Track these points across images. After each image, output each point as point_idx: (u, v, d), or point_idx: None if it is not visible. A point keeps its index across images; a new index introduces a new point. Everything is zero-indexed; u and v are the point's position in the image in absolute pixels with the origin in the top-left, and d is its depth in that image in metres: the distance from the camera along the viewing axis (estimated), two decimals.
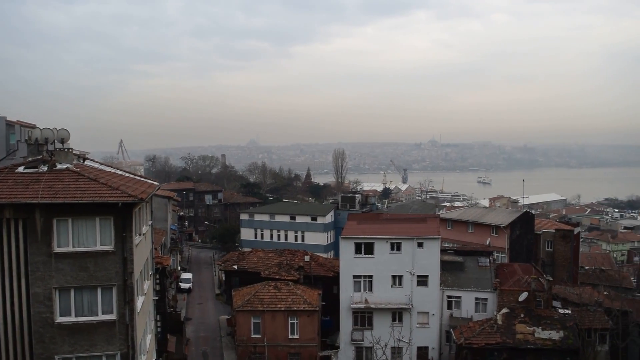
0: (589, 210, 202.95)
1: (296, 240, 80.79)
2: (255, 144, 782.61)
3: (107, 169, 28.49)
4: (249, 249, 67.31)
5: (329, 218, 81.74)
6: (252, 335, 46.77)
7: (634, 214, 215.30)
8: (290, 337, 46.84)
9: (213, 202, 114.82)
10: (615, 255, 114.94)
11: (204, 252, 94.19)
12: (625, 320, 47.12)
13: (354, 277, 47.16)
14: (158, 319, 38.17)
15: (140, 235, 24.25)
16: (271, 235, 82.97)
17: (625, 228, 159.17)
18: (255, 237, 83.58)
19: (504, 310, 44.87)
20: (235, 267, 59.08)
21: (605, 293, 51.93)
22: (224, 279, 65.12)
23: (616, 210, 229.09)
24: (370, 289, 47.10)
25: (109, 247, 21.22)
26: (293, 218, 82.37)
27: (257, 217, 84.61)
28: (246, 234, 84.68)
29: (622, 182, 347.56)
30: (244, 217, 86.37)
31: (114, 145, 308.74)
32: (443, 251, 50.33)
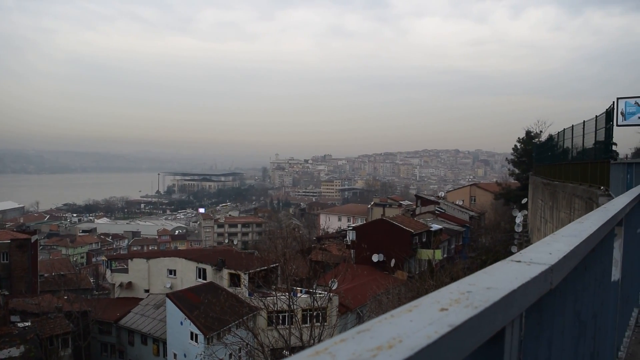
0: (49, 216, 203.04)
1: None
2: None
3: None
4: None
5: None
6: None
7: (91, 218, 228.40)
8: None
9: None
10: (75, 259, 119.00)
11: None
12: (86, 320, 49.05)
13: None
14: None
15: None
16: None
17: (84, 231, 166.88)
18: None
19: None
20: None
21: (65, 297, 52.52)
22: None
23: (75, 214, 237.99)
24: None
25: None
26: None
27: None
28: None
29: (81, 187, 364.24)
30: None
31: None
32: None
